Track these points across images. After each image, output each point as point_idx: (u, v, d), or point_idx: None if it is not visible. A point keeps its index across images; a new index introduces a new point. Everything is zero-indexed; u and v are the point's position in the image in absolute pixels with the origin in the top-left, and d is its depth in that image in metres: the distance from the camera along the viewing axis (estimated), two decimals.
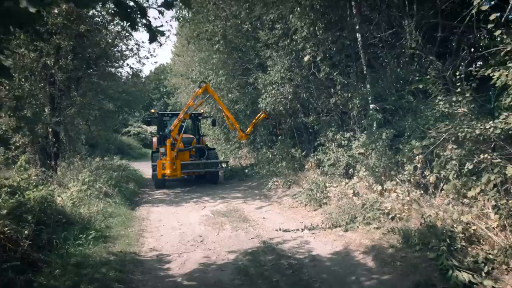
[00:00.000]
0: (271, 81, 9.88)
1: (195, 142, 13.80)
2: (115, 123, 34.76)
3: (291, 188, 11.21)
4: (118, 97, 28.83)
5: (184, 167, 12.12)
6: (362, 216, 7.08)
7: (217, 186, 13.55)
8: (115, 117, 30.75)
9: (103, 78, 25.96)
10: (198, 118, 15.67)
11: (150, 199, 11.49)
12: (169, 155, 11.29)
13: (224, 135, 20.93)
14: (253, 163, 17.00)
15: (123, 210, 8.73)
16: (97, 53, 12.91)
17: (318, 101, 9.94)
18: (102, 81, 26.55)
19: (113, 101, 28.84)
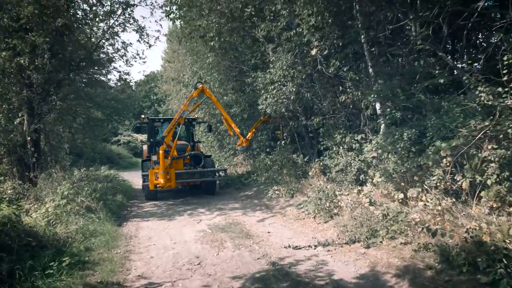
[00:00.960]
0: (272, 79, 8.89)
1: (189, 149, 12.61)
2: (104, 132, 33.46)
3: (294, 197, 10.16)
4: (107, 104, 27.71)
5: (179, 176, 10.94)
6: (385, 229, 6.07)
7: (213, 196, 12.41)
8: (104, 126, 29.56)
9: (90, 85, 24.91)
10: (192, 123, 14.38)
11: (140, 213, 10.32)
12: (162, 163, 10.08)
13: (218, 142, 19.86)
14: (249, 170, 15.95)
15: (107, 227, 7.57)
16: (81, 55, 11.79)
17: (324, 101, 8.98)
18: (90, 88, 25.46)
19: (102, 109, 27.69)
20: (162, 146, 10.22)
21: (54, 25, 8.65)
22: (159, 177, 10.24)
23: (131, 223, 8.88)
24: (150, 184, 10.35)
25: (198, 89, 10.46)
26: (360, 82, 7.65)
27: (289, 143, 12.80)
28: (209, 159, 12.97)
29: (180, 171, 11.14)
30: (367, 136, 8.28)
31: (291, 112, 10.42)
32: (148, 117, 13.21)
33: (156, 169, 10.38)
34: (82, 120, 26.47)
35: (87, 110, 26.20)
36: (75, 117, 13.71)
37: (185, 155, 11.77)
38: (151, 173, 10.40)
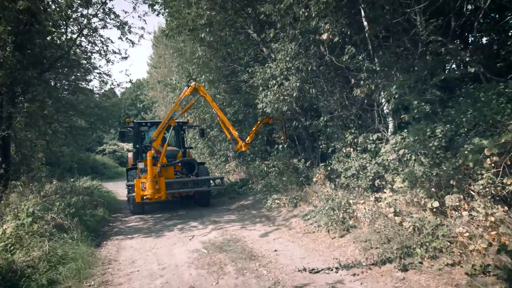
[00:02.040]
0: (273, 74, 7.70)
1: (180, 155, 11.15)
2: (87, 141, 31.81)
3: (298, 207, 8.94)
4: (90, 112, 26.10)
5: (169, 186, 9.46)
6: (423, 246, 4.89)
7: (205, 207, 11.09)
8: (88, 135, 27.91)
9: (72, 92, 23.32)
10: (183, 127, 12.79)
11: (123, 229, 8.93)
12: (150, 171, 8.60)
13: (208, 148, 18.55)
14: (243, 178, 14.69)
15: (82, 250, 6.19)
16: (55, 53, 10.41)
17: (331, 98, 7.82)
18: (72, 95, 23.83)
19: (85, 117, 26.05)
20: (150, 152, 8.76)
21: (16, 8, 7.27)
22: (147, 188, 8.70)
23: (111, 242, 7.49)
24: (136, 195, 8.88)
25: (191, 87, 9.17)
26: (377, 72, 6.53)
27: (287, 147, 11.63)
28: (202, 166, 11.51)
29: (170, 180, 9.69)
30: (383, 136, 7.15)
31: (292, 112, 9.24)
32: (133, 121, 11.71)
33: (143, 178, 8.87)
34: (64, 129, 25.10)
35: (69, 118, 24.77)
36: (49, 123, 12.20)
37: (176, 162, 10.37)
38: (137, 183, 8.85)
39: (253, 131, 10.57)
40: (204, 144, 18.63)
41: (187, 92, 9.18)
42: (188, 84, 9.15)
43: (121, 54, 11.91)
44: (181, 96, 9.37)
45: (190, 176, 10.51)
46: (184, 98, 9.27)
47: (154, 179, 8.69)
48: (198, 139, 18.76)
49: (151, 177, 8.63)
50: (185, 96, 9.26)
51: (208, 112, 15.81)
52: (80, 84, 25.50)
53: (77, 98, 25.83)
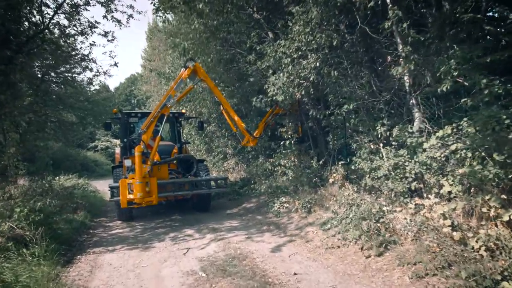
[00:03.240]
0: (285, 51, 6.18)
1: (176, 151, 9.37)
2: (78, 137, 30.04)
3: (313, 213, 7.47)
4: (80, 106, 24.40)
5: (162, 188, 7.80)
6: None
7: (204, 212, 9.53)
8: (78, 130, 26.17)
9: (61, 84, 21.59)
10: (179, 119, 10.85)
11: (105, 237, 7.41)
12: (139, 170, 6.90)
13: (205, 145, 17.01)
14: (244, 177, 13.17)
15: (41, 272, 4.66)
16: (27, 30, 8.81)
17: (356, 81, 6.33)
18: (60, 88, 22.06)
19: (74, 111, 24.35)
20: (139, 147, 6.99)
21: None
22: (135, 190, 6.97)
23: (86, 257, 5.95)
24: (122, 200, 7.16)
25: (189, 69, 7.57)
26: (426, 45, 5.06)
27: (295, 143, 10.14)
28: (202, 164, 9.64)
29: (164, 181, 8.02)
30: (425, 128, 5.68)
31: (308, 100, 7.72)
32: (121, 111, 9.91)
33: (130, 179, 7.18)
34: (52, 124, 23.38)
35: (58, 112, 23.08)
36: (23, 112, 10.59)
37: (171, 159, 8.72)
38: (122, 185, 7.13)
39: (262, 123, 8.99)
40: (201, 140, 17.07)
41: (184, 75, 7.59)
42: (186, 65, 7.58)
43: (107, 36, 10.27)
44: (177, 79, 7.71)
45: (187, 176, 8.83)
46: (180, 82, 7.69)
47: (144, 179, 7.03)
48: (194, 134, 17.19)
49: (140, 178, 6.96)
50: (182, 79, 7.70)
51: (206, 105, 14.34)
52: (69, 76, 24.02)
53: (65, 91, 24.24)
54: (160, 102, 7.62)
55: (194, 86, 8.14)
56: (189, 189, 8.37)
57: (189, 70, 7.53)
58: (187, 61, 7.64)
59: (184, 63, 7.83)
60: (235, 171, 14.70)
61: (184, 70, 7.59)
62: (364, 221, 5.50)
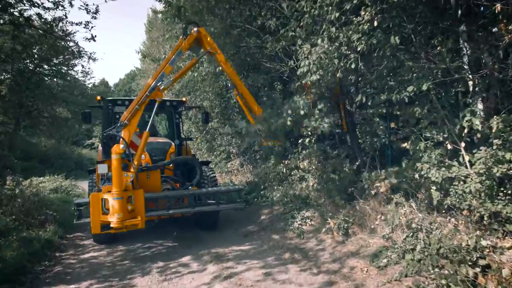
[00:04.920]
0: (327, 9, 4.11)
1: (173, 151, 6.82)
2: (72, 133, 27.90)
3: (353, 236, 5.40)
4: (74, 101, 22.33)
5: (153, 204, 5.52)
6: None
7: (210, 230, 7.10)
8: (73, 126, 24.08)
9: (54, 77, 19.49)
10: (178, 109, 8.11)
11: (71, 266, 5.35)
12: (117, 180, 4.76)
13: (206, 143, 14.92)
14: (251, 180, 11.09)
15: None
16: None
17: (423, 51, 4.26)
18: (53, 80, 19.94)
19: (68, 106, 22.29)
20: (117, 146, 4.83)
21: None
22: (111, 209, 4.74)
23: None
24: (93, 223, 4.89)
25: (190, 36, 5.42)
26: None
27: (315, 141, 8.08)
28: (208, 169, 7.29)
29: (155, 194, 5.58)
30: None
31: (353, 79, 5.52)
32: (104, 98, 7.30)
33: (105, 192, 4.98)
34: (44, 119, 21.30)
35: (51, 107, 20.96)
36: None
37: (165, 162, 6.20)
38: (94, 201, 4.88)
39: None
40: (202, 137, 14.98)
41: (184, 44, 5.41)
42: (186, 32, 5.47)
43: (88, 11, 8.20)
44: (174, 51, 5.48)
45: (187, 186, 6.30)
46: (178, 56, 5.45)
47: (125, 193, 4.82)
48: (195, 131, 15.06)
49: (119, 191, 4.76)
50: (181, 51, 5.47)
51: (207, 97, 12.26)
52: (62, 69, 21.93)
53: (57, 84, 22.18)
54: (149, 82, 5.35)
55: (197, 62, 5.90)
56: (189, 205, 5.75)
57: (190, 37, 5.36)
58: (187, 26, 5.49)
59: (183, 30, 5.62)
60: (240, 173, 12.61)
61: (184, 39, 5.43)
62: (459, 265, 3.43)
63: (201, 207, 5.82)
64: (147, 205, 5.18)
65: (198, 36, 5.48)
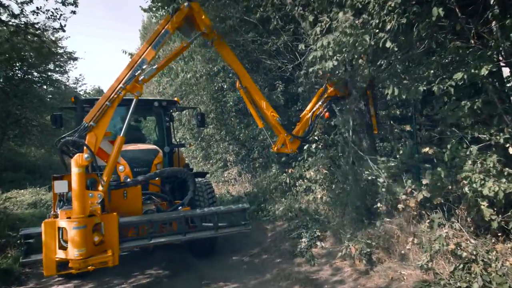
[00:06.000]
0: None
1: (160, 160, 5.50)
2: None
3: (378, 264, 4.27)
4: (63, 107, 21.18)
5: (131, 231, 4.33)
6: None
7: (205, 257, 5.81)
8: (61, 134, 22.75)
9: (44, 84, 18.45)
10: (168, 110, 6.73)
11: None
12: (79, 202, 3.55)
13: (201, 150, 13.82)
14: (250, 191, 9.96)
15: None
16: None
17: None
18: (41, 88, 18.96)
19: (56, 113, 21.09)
20: (80, 157, 3.64)
21: None
22: (71, 243, 3.53)
23: None
24: (46, 261, 3.63)
25: (181, 12, 4.25)
26: None
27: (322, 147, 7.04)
28: (203, 181, 5.85)
29: (131, 218, 4.26)
30: None
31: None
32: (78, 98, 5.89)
33: (63, 218, 3.67)
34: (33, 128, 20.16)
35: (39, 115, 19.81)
36: None
37: (148, 176, 4.69)
38: (47, 230, 3.68)
39: (307, 113, 5.08)
40: (197, 145, 13.87)
41: (172, 22, 4.19)
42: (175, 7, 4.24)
43: None
44: (159, 30, 4.22)
45: (177, 206, 4.91)
46: (162, 37, 4.20)
47: (90, 220, 3.63)
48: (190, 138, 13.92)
49: (81, 217, 3.54)
50: (167, 31, 4.21)
51: (202, 100, 11.17)
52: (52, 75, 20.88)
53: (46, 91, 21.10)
54: (123, 72, 4.09)
55: (189, 45, 4.66)
56: (179, 231, 4.37)
57: (180, 14, 4.19)
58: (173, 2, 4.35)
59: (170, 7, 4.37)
60: (238, 183, 11.48)
61: (172, 14, 4.25)
62: None
63: (194, 234, 4.46)
64: (122, 233, 3.98)
65: (189, 13, 4.30)
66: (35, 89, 19.94)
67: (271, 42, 6.89)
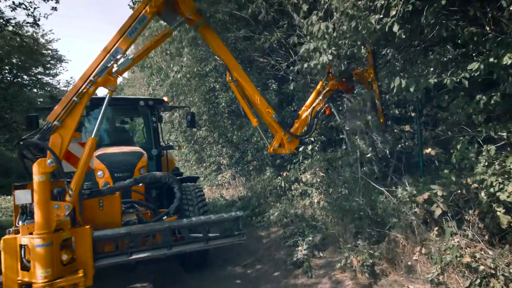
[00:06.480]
0: None
1: (144, 164, 5.03)
2: None
3: (383, 277, 3.85)
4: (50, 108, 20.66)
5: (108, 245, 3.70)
6: None
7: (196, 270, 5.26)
8: None
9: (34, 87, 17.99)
10: (155, 110, 6.17)
11: None
12: (43, 215, 3.03)
13: (195, 153, 13.35)
14: (244, 195, 9.51)
15: None
16: None
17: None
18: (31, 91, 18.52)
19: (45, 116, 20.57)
20: (42, 162, 3.10)
21: None
22: (36, 261, 2.98)
23: None
24: (6, 283, 3.11)
25: None
26: None
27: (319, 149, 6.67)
28: (192, 187, 5.27)
29: (108, 231, 3.65)
30: None
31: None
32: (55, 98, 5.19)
33: (24, 233, 3.17)
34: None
35: None
36: None
37: (126, 183, 4.15)
38: (7, 248, 3.18)
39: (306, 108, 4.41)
40: (190, 148, 13.40)
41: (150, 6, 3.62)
42: None
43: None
44: (135, 14, 3.66)
45: (160, 216, 4.37)
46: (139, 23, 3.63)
47: (57, 236, 3.14)
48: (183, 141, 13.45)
49: (45, 233, 3.06)
50: (145, 16, 3.65)
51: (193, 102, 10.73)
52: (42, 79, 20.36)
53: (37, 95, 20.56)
54: (94, 62, 3.53)
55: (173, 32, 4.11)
56: (164, 244, 3.86)
57: None
58: None
59: None
60: (232, 187, 11.01)
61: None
62: None
63: (181, 247, 3.91)
64: (97, 248, 3.49)
65: None
66: (25, 92, 19.43)
67: (263, 38, 6.48)
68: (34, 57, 17.18)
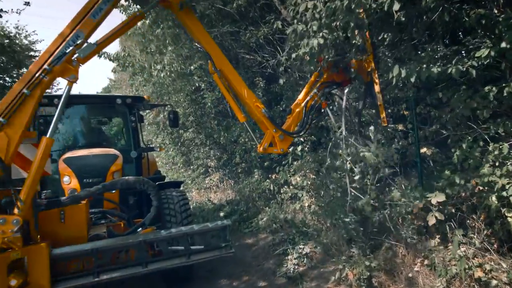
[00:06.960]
0: None
1: (118, 168, 4.42)
2: None
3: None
4: None
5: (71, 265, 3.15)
6: None
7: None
8: None
9: None
10: (134, 109, 5.59)
11: None
12: None
13: (182, 156, 12.85)
14: (232, 198, 9.08)
15: None
16: None
17: None
18: None
19: None
20: None
21: None
22: None
23: None
24: None
25: None
26: None
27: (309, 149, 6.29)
28: (175, 193, 4.67)
29: (70, 248, 3.11)
30: None
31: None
32: None
33: None
34: None
35: None
36: None
37: (93, 190, 3.54)
38: None
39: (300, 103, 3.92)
40: (177, 150, 12.88)
41: None
42: None
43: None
44: None
45: (136, 227, 3.84)
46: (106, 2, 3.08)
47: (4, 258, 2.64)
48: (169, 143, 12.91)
49: None
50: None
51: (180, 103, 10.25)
52: None
53: None
54: (48, 49, 3.04)
55: (144, 14, 3.59)
56: (138, 261, 3.38)
57: None
58: None
59: None
60: (220, 190, 10.54)
61: None
62: None
63: (158, 264, 3.42)
64: (57, 269, 2.98)
65: None
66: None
67: (249, 33, 6.08)
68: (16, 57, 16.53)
